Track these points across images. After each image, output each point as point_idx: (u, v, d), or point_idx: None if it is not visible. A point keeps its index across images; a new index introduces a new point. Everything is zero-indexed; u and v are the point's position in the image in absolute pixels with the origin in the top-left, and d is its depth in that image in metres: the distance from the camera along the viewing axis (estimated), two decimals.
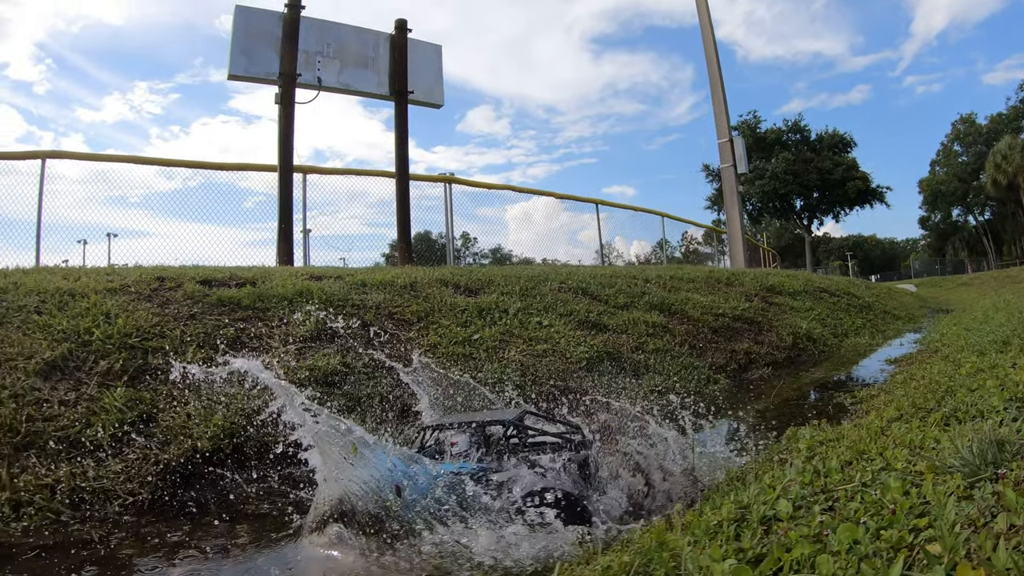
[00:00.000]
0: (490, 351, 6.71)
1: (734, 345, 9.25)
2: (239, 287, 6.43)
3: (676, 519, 2.47)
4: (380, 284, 7.63)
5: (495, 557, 2.96)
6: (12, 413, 4.14)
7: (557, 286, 9.46)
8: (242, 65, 11.04)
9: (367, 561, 2.96)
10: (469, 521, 3.20)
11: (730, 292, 12.28)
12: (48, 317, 5.14)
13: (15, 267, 6.82)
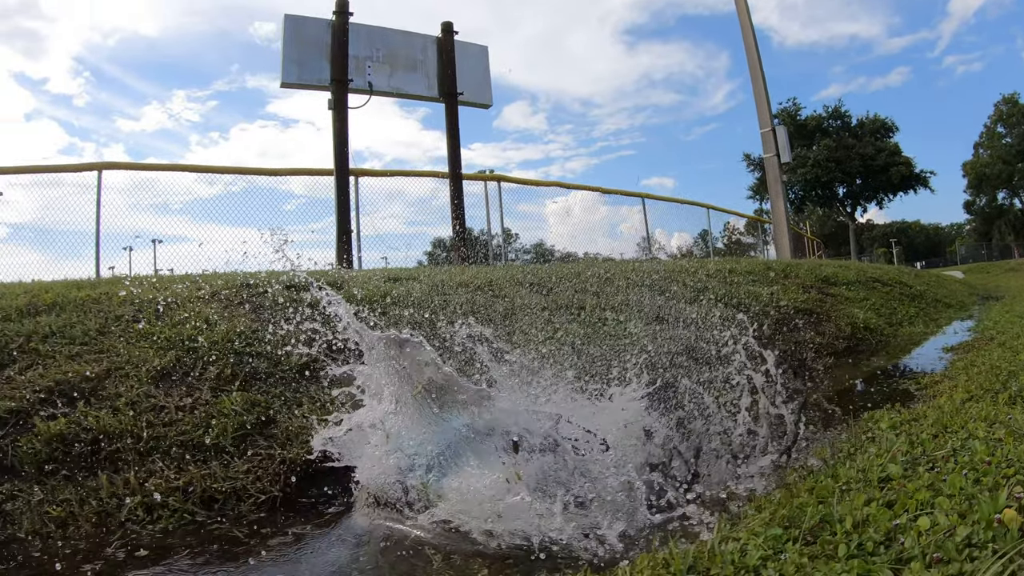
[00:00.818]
0: (575, 348, 6.66)
1: (796, 336, 9.19)
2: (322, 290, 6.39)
3: (799, 484, 3.02)
4: (459, 285, 7.60)
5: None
6: (132, 420, 4.20)
7: (624, 283, 9.45)
8: (294, 73, 11.12)
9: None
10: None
11: (787, 284, 12.21)
12: (149, 326, 5.17)
13: (93, 278, 6.84)
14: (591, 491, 3.38)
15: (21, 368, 4.55)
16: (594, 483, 3.45)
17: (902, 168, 50.30)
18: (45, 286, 6.02)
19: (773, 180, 23.02)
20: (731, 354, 5.27)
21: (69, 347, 4.80)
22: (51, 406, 4.24)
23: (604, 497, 3.36)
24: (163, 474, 3.92)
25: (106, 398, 4.36)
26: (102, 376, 4.54)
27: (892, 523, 2.08)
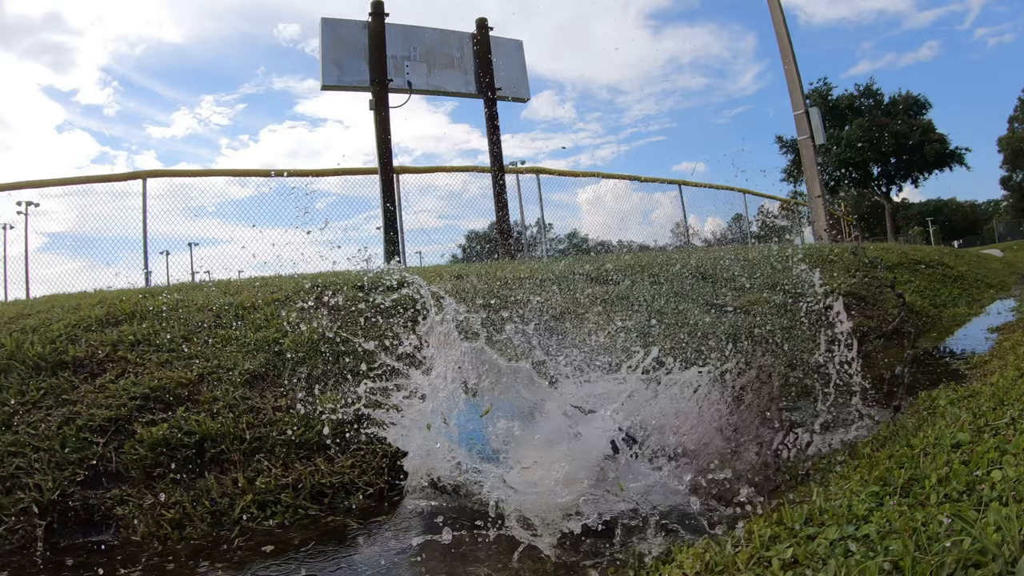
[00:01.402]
0: (640, 336, 6.66)
1: (848, 320, 9.22)
2: (392, 290, 6.43)
3: (877, 453, 3.40)
4: (519, 279, 7.60)
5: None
6: (232, 422, 4.26)
7: (677, 271, 9.47)
8: (334, 75, 11.21)
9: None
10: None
11: (833, 268, 12.23)
12: (231, 330, 5.22)
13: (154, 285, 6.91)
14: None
15: (113, 377, 4.61)
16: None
17: (936, 145, 49.44)
18: (118, 295, 6.09)
19: (808, 163, 22.77)
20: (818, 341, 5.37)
21: (157, 354, 4.86)
22: (149, 412, 4.31)
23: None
24: (270, 472, 4.03)
25: (203, 402, 4.43)
26: (196, 381, 4.60)
27: (971, 476, 2.43)
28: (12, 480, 3.90)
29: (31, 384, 4.52)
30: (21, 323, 5.32)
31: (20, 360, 4.73)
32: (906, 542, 1.88)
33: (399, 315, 5.88)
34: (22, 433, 4.14)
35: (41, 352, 4.79)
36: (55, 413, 4.28)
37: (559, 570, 2.93)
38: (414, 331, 4.61)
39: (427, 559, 3.12)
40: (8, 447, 4.06)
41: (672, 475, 3.67)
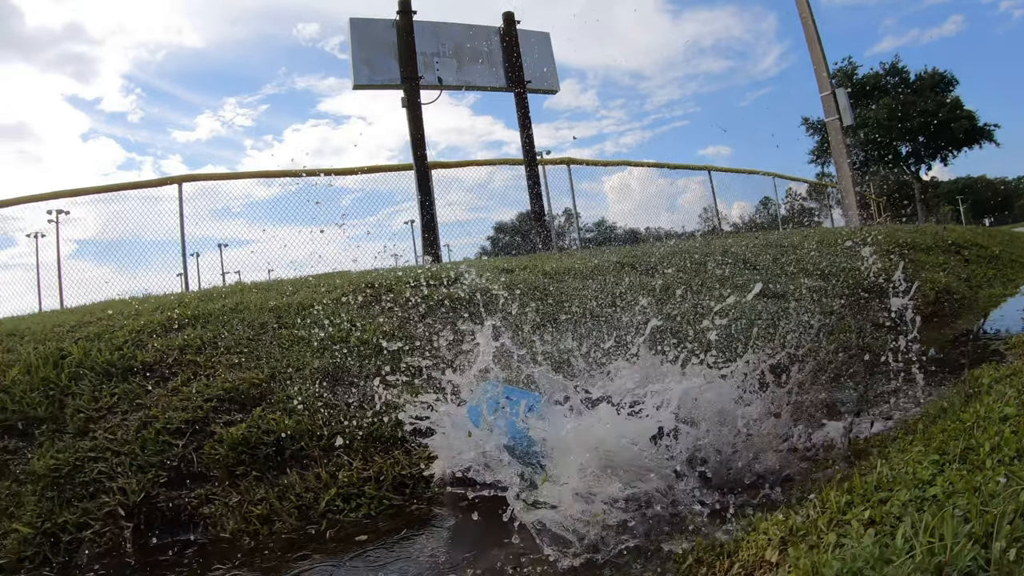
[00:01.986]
0: (691, 323, 6.66)
1: (888, 302, 9.16)
2: (447, 286, 6.47)
3: (930, 427, 3.47)
4: (566, 271, 7.62)
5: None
6: (308, 419, 4.31)
7: (719, 259, 9.45)
8: (365, 75, 11.27)
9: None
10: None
11: (869, 252, 12.21)
12: (295, 330, 5.28)
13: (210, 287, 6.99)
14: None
15: (184, 380, 4.67)
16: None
17: (964, 123, 48.57)
18: (176, 300, 6.16)
19: (836, 144, 22.47)
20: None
21: (226, 356, 4.93)
22: (225, 413, 4.38)
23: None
24: (351, 466, 4.12)
25: (277, 401, 4.50)
26: (267, 381, 4.67)
27: (1020, 443, 2.55)
28: (95, 484, 3.98)
29: (103, 390, 4.60)
30: (84, 331, 5.40)
31: (89, 367, 4.81)
32: (970, 498, 2.06)
33: (457, 311, 5.92)
34: (100, 438, 4.22)
35: (110, 358, 4.87)
36: (131, 418, 4.36)
37: (650, 545, 3.01)
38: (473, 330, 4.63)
39: (520, 540, 3.18)
40: (88, 452, 4.14)
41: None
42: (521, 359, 4.20)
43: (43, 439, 4.29)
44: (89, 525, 3.79)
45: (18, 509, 3.89)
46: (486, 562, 3.12)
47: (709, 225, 20.13)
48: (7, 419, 4.44)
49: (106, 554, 3.70)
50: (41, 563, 3.66)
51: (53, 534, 3.76)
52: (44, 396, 4.58)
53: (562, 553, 3.01)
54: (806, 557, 2.00)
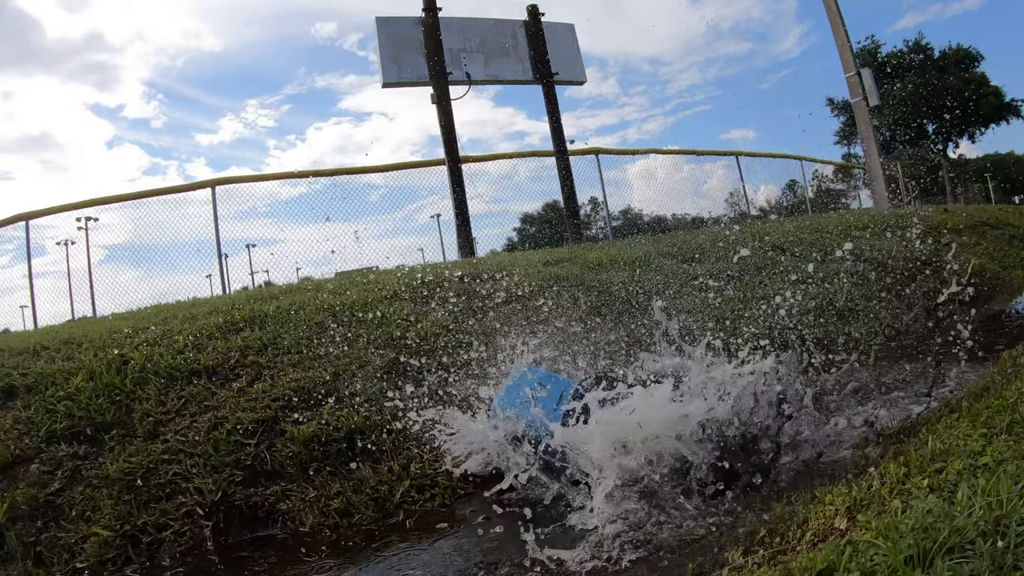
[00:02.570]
0: (736, 311, 6.69)
1: (921, 285, 9.16)
2: (494, 280, 6.52)
3: (975, 404, 3.49)
4: (608, 262, 7.65)
5: None
6: (376, 414, 4.47)
7: (757, 246, 9.46)
8: (394, 72, 11.36)
9: None
10: None
11: (903, 235, 12.16)
12: (351, 328, 5.36)
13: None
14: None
15: (248, 381, 4.75)
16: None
17: (991, 99, 47.87)
18: (230, 303, 6.24)
19: (863, 125, 22.32)
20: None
21: (288, 356, 5.01)
22: (294, 412, 4.45)
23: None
24: (422, 459, 4.22)
25: (343, 398, 4.56)
26: (332, 379, 4.74)
27: None
28: (171, 486, 4.06)
29: (170, 394, 4.68)
30: (142, 336, 5.49)
31: (153, 372, 4.89)
32: (1019, 464, 2.19)
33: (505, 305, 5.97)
34: (172, 441, 4.30)
35: (172, 363, 4.95)
36: (201, 419, 4.43)
37: (724, 520, 3.16)
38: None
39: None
40: (161, 455, 4.22)
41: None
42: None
43: (113, 444, 4.37)
44: (168, 525, 3.87)
45: (95, 513, 3.97)
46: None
47: (736, 210, 20.05)
48: (75, 426, 4.52)
49: (187, 552, 3.78)
50: (123, 564, 3.74)
51: (133, 536, 3.84)
52: (110, 402, 4.66)
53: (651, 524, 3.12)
54: (876, 520, 2.10)
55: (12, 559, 3.80)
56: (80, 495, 4.09)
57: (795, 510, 2.70)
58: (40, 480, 4.19)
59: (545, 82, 12.59)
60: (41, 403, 4.75)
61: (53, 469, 4.26)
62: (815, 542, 2.28)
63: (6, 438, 4.52)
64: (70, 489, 4.13)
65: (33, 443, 4.46)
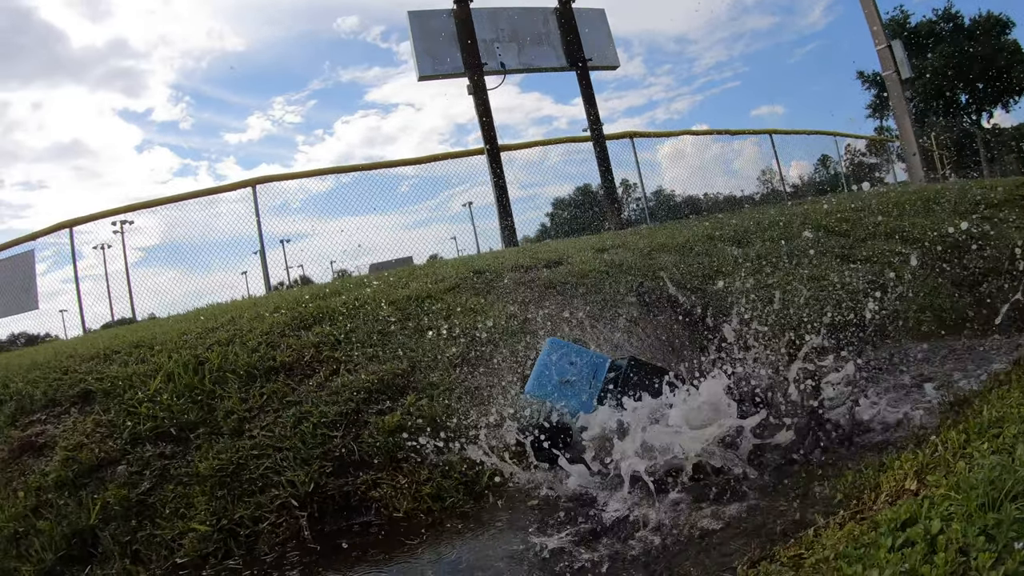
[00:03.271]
0: (787, 293, 6.71)
1: (964, 262, 9.13)
2: (552, 268, 6.60)
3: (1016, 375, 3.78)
4: (660, 248, 7.69)
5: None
6: (456, 403, 4.59)
7: (802, 227, 9.47)
8: (429, 65, 11.49)
9: None
10: None
11: (943, 212, 12.06)
12: (422, 321, 5.45)
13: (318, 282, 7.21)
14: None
15: (326, 376, 4.87)
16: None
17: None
18: (294, 300, 6.36)
19: (896, 99, 22.05)
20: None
21: (361, 350, 5.12)
22: (376, 403, 4.58)
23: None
24: (507, 444, 4.31)
25: (422, 388, 4.66)
26: (409, 371, 4.84)
27: None
28: (263, 480, 4.18)
29: (250, 391, 4.80)
30: (212, 336, 5.62)
31: (231, 370, 5.02)
32: None
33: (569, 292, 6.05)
34: (259, 437, 4.42)
35: (249, 361, 5.07)
36: (285, 415, 4.55)
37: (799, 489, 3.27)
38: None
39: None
40: (250, 451, 4.33)
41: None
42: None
43: (200, 442, 4.49)
44: (264, 518, 3.99)
45: (189, 510, 4.09)
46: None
47: (768, 187, 19.99)
48: (158, 427, 4.65)
49: (285, 543, 3.90)
50: (224, 557, 3.85)
51: (230, 530, 3.95)
52: (192, 402, 4.79)
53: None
54: (944, 480, 2.28)
55: (109, 558, 3.92)
56: (172, 493, 4.20)
57: (866, 477, 2.83)
58: (129, 481, 4.30)
59: (579, 69, 12.62)
60: (120, 406, 4.88)
61: (141, 469, 4.38)
62: (890, 502, 2.43)
63: (89, 441, 4.64)
64: (161, 488, 4.25)
65: (117, 445, 4.58)
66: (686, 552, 2.96)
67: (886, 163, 28.67)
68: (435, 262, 7.58)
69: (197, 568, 3.81)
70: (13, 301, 13.15)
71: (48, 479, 4.38)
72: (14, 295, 13.14)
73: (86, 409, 5.03)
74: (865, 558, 1.98)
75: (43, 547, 3.96)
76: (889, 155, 28.21)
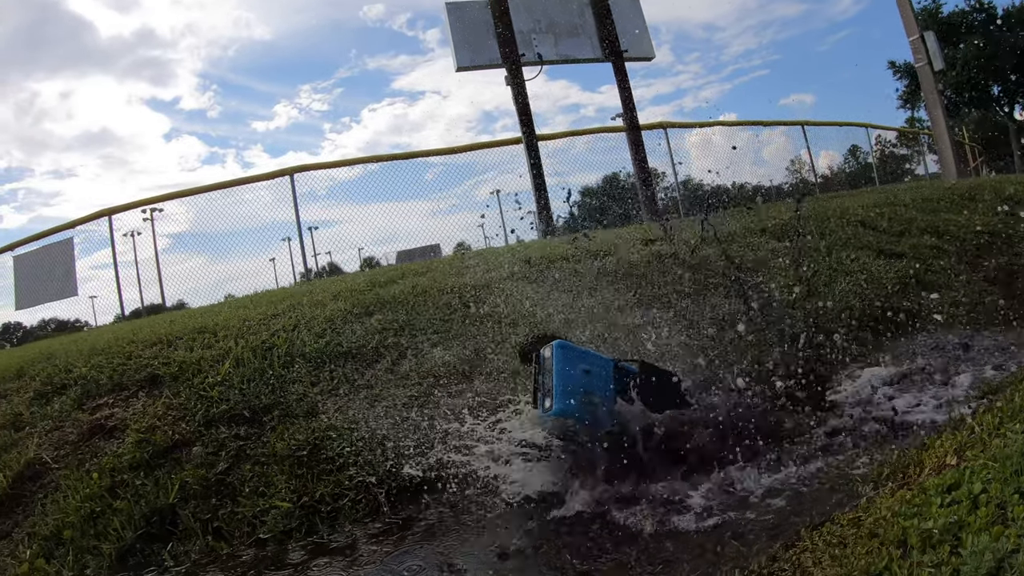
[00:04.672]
0: (828, 285, 6.86)
1: (995, 259, 9.20)
2: (600, 259, 6.79)
3: None
4: (705, 240, 7.84)
5: None
6: (512, 384, 4.82)
7: (839, 222, 9.57)
8: (467, 57, 11.68)
9: None
10: None
11: (976, 208, 12.09)
12: (481, 308, 5.71)
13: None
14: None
15: (393, 361, 5.11)
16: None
17: None
18: (350, 287, 6.61)
19: (928, 90, 22.02)
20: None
21: (426, 336, 5.36)
22: (446, 387, 4.83)
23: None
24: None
25: (491, 373, 4.91)
26: (476, 357, 5.08)
27: None
28: (341, 459, 4.40)
29: (320, 375, 5.05)
30: (276, 323, 5.88)
31: (299, 355, 5.27)
32: None
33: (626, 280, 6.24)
34: (334, 418, 4.65)
35: (316, 346, 5.33)
36: (356, 397, 4.78)
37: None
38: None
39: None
40: (325, 432, 4.57)
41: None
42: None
43: (274, 424, 4.73)
44: (344, 495, 4.20)
45: (269, 488, 4.32)
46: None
47: (797, 177, 20.01)
48: (231, 409, 4.89)
49: (366, 518, 4.11)
50: (307, 533, 4.07)
51: (311, 507, 4.17)
52: (263, 385, 5.04)
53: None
54: (983, 453, 2.59)
55: (191, 535, 4.14)
56: (251, 472, 4.43)
57: (909, 455, 3.09)
58: (207, 461, 4.53)
59: (615, 60, 12.77)
60: (191, 390, 5.14)
61: (217, 450, 4.61)
62: (934, 474, 2.69)
63: (162, 424, 4.88)
64: (239, 468, 4.48)
65: (191, 427, 4.81)
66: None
67: (917, 155, 28.53)
68: (487, 251, 7.78)
69: (280, 543, 4.04)
70: (54, 287, 13.51)
71: (122, 460, 4.61)
72: (55, 282, 13.49)
73: (154, 393, 5.27)
74: (919, 514, 2.34)
75: (122, 525, 4.17)
76: (920, 147, 28.08)
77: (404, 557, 3.63)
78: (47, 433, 5.09)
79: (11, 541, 4.32)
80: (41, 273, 13.76)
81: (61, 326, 16.47)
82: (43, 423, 5.19)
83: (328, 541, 3.96)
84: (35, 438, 5.03)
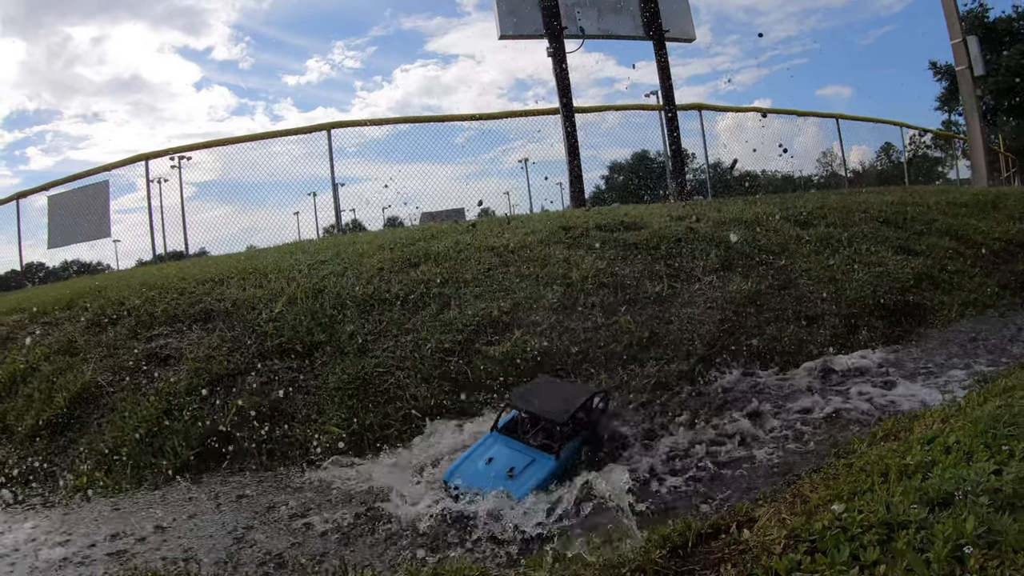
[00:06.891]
0: (845, 274, 7.23)
1: (1013, 266, 9.47)
2: (633, 231, 7.24)
3: None
4: (733, 221, 8.23)
5: None
6: (557, 340, 5.35)
7: (862, 216, 9.88)
8: (511, 25, 12.03)
9: None
10: None
11: (999, 215, 12.28)
12: (521, 267, 6.19)
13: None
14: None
15: (437, 309, 5.62)
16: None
17: None
18: (395, 240, 7.13)
19: (967, 95, 22.06)
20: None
21: (469, 289, 5.87)
22: (485, 336, 5.34)
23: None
24: (598, 376, 5.07)
25: (525, 325, 5.42)
26: (512, 310, 5.58)
27: None
28: (387, 393, 4.93)
29: (369, 318, 5.58)
30: (324, 268, 6.41)
31: (350, 299, 5.78)
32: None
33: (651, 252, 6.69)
34: (382, 357, 5.18)
35: (365, 292, 5.85)
36: (403, 340, 5.32)
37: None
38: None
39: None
40: (374, 369, 5.09)
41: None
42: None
43: (326, 359, 5.25)
44: (391, 425, 4.74)
45: (320, 416, 4.84)
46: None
47: (827, 170, 20.21)
48: (284, 344, 5.42)
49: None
50: (355, 454, 4.59)
51: (359, 433, 4.70)
52: (315, 324, 5.55)
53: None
54: (962, 420, 3.24)
55: (245, 454, 4.67)
56: (303, 401, 4.96)
57: (902, 422, 3.76)
58: (260, 390, 5.04)
59: (657, 39, 13.09)
60: (244, 325, 5.65)
61: (270, 380, 5.13)
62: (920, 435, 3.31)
63: (216, 354, 5.38)
64: (291, 397, 5.00)
65: (244, 359, 5.33)
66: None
67: (951, 159, 28.56)
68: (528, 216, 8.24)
69: (329, 455, 4.55)
70: (89, 228, 14.08)
71: (179, 386, 5.12)
72: (89, 223, 14.05)
73: (208, 326, 5.79)
74: (901, 455, 2.94)
75: (179, 445, 4.69)
76: (954, 151, 28.12)
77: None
78: (102, 359, 5.57)
79: (67, 456, 4.82)
80: (75, 214, 14.32)
81: (83, 268, 16.98)
82: (97, 350, 5.67)
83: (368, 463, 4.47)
84: (90, 364, 5.51)
